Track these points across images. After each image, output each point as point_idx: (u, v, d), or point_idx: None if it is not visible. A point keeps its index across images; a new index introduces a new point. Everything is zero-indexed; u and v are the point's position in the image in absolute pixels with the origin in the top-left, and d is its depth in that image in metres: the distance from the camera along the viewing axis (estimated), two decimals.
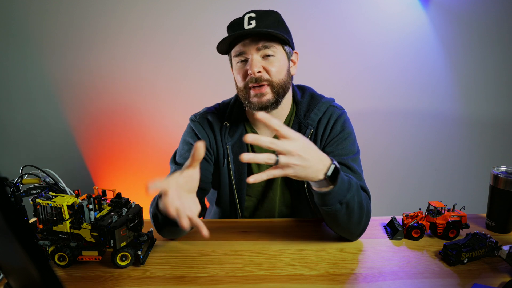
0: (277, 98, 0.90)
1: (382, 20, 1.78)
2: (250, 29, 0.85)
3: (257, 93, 0.89)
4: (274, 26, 0.88)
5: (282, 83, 0.90)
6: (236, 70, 0.93)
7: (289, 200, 1.04)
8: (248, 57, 0.88)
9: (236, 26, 0.88)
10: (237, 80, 0.94)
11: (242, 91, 0.92)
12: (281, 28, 0.90)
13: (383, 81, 1.86)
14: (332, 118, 0.97)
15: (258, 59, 0.87)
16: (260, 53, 0.87)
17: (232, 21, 0.91)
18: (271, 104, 0.90)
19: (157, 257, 0.79)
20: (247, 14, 0.87)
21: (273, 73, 0.88)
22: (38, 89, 1.87)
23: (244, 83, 0.90)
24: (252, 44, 0.87)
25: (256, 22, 0.85)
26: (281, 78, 0.90)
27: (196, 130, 0.99)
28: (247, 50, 0.87)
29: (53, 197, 0.73)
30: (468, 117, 1.93)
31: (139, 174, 1.98)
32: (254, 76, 0.87)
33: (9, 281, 0.48)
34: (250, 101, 0.91)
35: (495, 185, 0.89)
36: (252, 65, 0.86)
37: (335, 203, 0.73)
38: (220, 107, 1.05)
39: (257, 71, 0.86)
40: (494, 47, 1.82)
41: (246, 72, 0.89)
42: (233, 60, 0.93)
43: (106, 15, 1.76)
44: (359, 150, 0.97)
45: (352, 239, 0.85)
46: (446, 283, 0.68)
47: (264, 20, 0.86)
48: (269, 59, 0.88)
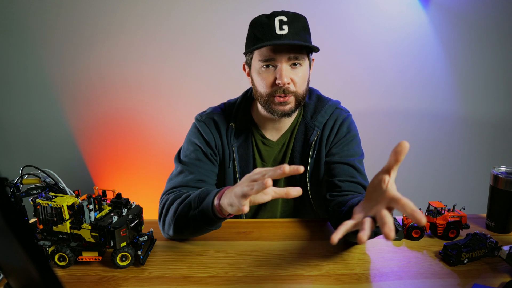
0: (297, 107, 0.91)
1: (382, 20, 1.78)
2: (283, 37, 0.82)
3: (282, 101, 0.88)
4: (303, 33, 0.86)
5: (304, 93, 0.91)
6: (260, 74, 0.89)
7: (292, 201, 1.04)
8: (276, 65, 0.86)
9: (266, 28, 0.84)
10: (259, 85, 0.90)
11: (264, 97, 0.90)
12: (307, 35, 0.88)
13: (383, 81, 1.86)
14: (338, 121, 0.97)
15: (288, 68, 0.86)
16: (290, 62, 0.86)
17: (259, 19, 0.87)
18: (292, 112, 0.91)
19: (157, 257, 0.79)
20: (278, 17, 0.84)
21: (298, 84, 0.88)
22: (38, 89, 1.87)
23: (270, 91, 0.88)
24: (284, 53, 0.84)
25: (288, 28, 0.83)
26: (304, 88, 0.90)
27: (202, 130, 0.98)
28: (278, 58, 0.85)
29: (53, 197, 0.73)
30: (468, 117, 1.93)
31: (139, 174, 1.98)
32: (283, 87, 0.86)
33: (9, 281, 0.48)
34: (272, 108, 0.90)
35: (495, 185, 0.89)
36: (282, 75, 0.84)
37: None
38: (226, 107, 1.04)
39: (287, 83, 0.86)
40: (494, 47, 1.82)
41: (274, 80, 0.86)
42: (257, 63, 0.89)
43: (106, 15, 1.76)
44: (363, 153, 0.98)
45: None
46: (446, 283, 0.68)
47: (295, 25, 0.84)
48: (296, 68, 0.87)
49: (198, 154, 0.95)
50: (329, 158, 0.96)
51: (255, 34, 0.86)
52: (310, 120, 0.98)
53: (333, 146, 0.97)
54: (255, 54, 0.89)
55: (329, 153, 0.97)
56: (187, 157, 0.95)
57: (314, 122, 0.97)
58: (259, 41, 0.84)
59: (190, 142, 0.98)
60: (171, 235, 0.83)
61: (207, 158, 0.96)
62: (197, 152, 0.95)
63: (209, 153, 0.96)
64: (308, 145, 0.97)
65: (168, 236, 0.85)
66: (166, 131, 1.92)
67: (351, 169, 0.91)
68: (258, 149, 1.00)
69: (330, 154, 0.97)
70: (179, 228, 0.81)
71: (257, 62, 0.88)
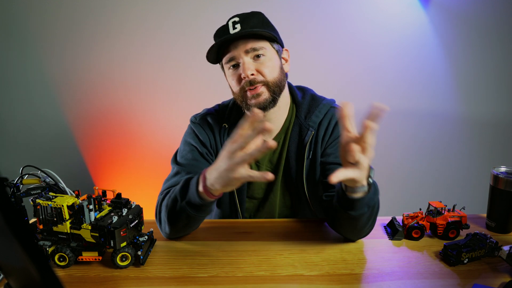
0: (274, 97, 0.91)
1: (382, 20, 1.78)
2: (235, 33, 0.85)
3: (253, 94, 0.89)
4: (259, 26, 0.88)
5: (277, 81, 0.91)
6: (229, 76, 0.93)
7: (289, 202, 1.04)
8: (239, 61, 0.88)
9: (222, 33, 0.88)
10: (232, 85, 0.94)
11: (238, 96, 0.92)
12: (266, 27, 0.90)
13: (383, 81, 1.86)
14: (333, 120, 0.97)
15: (250, 61, 0.88)
16: (250, 55, 0.88)
17: (217, 29, 0.91)
18: (268, 103, 0.90)
19: (157, 257, 0.79)
20: (231, 19, 0.88)
21: (267, 73, 0.88)
22: (38, 89, 1.87)
23: (240, 87, 0.90)
24: (241, 47, 0.87)
25: (240, 25, 0.85)
26: (275, 76, 0.90)
27: (197, 131, 0.99)
28: (237, 55, 0.87)
29: (53, 197, 0.73)
30: (468, 117, 1.93)
31: (139, 175, 1.98)
32: (248, 79, 0.87)
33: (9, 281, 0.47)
34: (248, 104, 0.91)
35: (495, 185, 0.89)
36: (244, 68, 0.86)
37: (363, 207, 0.72)
38: (220, 108, 1.05)
39: (251, 74, 0.87)
40: (494, 47, 1.82)
41: (240, 77, 0.89)
42: (225, 67, 0.93)
43: (106, 15, 1.76)
44: None
45: (357, 239, 0.85)
46: (446, 284, 0.68)
47: (249, 22, 0.86)
48: (260, 59, 0.88)
49: (194, 154, 0.96)
50: (324, 158, 0.96)
51: (216, 42, 0.88)
52: (304, 120, 0.98)
53: (328, 146, 0.96)
54: (223, 61, 0.92)
55: (324, 153, 0.96)
56: (184, 157, 0.95)
57: (308, 122, 0.97)
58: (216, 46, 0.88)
59: (186, 143, 1.00)
60: (169, 233, 0.84)
61: (203, 157, 0.96)
62: (193, 153, 0.96)
63: (205, 152, 0.97)
64: (303, 145, 0.96)
65: (166, 235, 0.86)
66: (166, 131, 1.92)
67: None
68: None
69: (325, 154, 0.96)
70: (173, 223, 0.82)
71: (225, 66, 0.92)
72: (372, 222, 0.80)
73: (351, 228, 0.80)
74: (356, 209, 0.72)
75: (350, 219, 0.75)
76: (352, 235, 0.83)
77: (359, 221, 0.75)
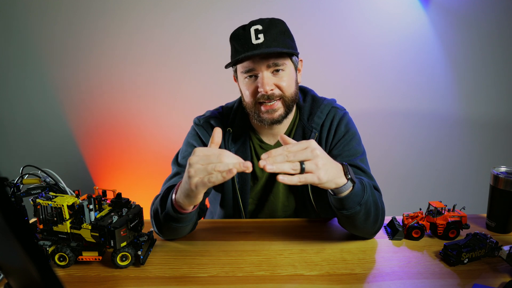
0: (287, 112, 0.91)
1: (382, 20, 1.78)
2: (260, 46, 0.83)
3: (268, 109, 0.88)
4: (281, 38, 0.86)
5: (293, 96, 0.91)
6: (244, 85, 0.90)
7: (293, 205, 1.03)
8: (257, 74, 0.87)
9: (243, 40, 0.85)
10: (245, 94, 0.92)
11: (251, 106, 0.91)
12: (287, 39, 0.88)
13: (383, 81, 1.86)
14: (335, 120, 0.97)
15: (269, 76, 0.86)
16: (270, 69, 0.86)
17: (236, 32, 0.88)
18: (282, 118, 0.91)
19: (157, 257, 0.79)
20: (253, 26, 0.84)
21: (285, 88, 0.88)
22: (39, 89, 1.87)
23: (254, 99, 0.89)
24: (263, 61, 0.85)
25: (264, 36, 0.83)
26: (292, 91, 0.90)
27: (200, 133, 0.99)
28: (257, 67, 0.86)
29: (53, 197, 0.73)
30: (468, 117, 1.93)
31: (139, 175, 1.98)
32: (266, 94, 0.86)
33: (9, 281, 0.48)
34: (260, 117, 0.90)
35: (495, 185, 0.89)
36: (263, 83, 0.85)
37: (354, 205, 0.73)
38: (223, 111, 1.04)
39: (270, 89, 0.86)
40: (494, 47, 1.82)
41: (256, 89, 0.87)
42: (240, 75, 0.91)
43: (106, 16, 1.76)
44: (365, 149, 0.97)
45: (368, 237, 0.85)
46: (446, 283, 0.68)
47: (271, 32, 0.84)
48: (279, 74, 0.87)
49: None
50: None
51: (235, 47, 0.87)
52: (307, 122, 0.97)
53: (333, 148, 0.96)
54: (238, 66, 0.90)
55: (329, 154, 0.96)
56: (185, 158, 0.95)
57: (311, 124, 0.97)
58: (238, 54, 0.86)
59: (188, 144, 0.99)
60: (161, 237, 0.85)
61: None
62: None
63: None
64: None
65: (162, 237, 0.86)
66: (166, 131, 1.92)
67: (354, 169, 0.90)
68: (256, 153, 1.00)
69: (331, 156, 0.96)
70: (160, 230, 0.82)
71: (241, 74, 0.90)
72: (374, 221, 0.79)
73: (352, 227, 0.80)
74: (347, 208, 0.73)
75: (347, 218, 0.76)
76: (360, 233, 0.83)
77: (355, 220, 0.76)
